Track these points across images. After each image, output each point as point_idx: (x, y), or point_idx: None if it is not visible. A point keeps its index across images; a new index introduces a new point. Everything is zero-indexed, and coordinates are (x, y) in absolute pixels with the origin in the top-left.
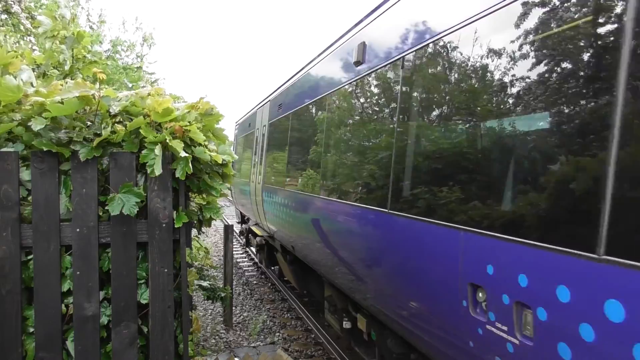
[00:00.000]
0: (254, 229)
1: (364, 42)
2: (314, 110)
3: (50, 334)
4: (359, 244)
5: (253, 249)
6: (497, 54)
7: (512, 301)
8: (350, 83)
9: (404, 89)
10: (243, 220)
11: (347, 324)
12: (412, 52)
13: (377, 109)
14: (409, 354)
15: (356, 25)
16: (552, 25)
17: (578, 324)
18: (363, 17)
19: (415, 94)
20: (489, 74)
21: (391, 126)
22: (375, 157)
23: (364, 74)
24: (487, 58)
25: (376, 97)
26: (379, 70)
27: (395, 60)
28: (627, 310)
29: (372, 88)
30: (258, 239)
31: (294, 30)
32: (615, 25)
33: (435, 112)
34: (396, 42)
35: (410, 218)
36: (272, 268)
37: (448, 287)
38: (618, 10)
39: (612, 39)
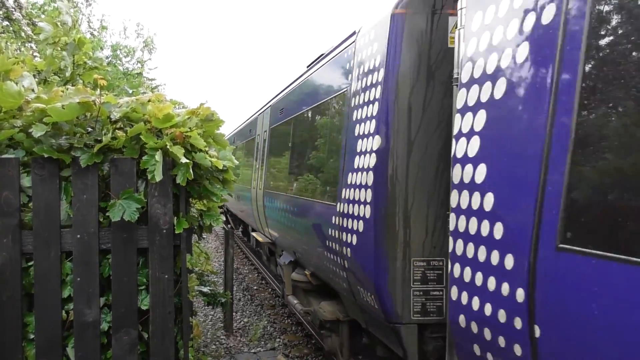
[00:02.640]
0: None
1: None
2: None
3: (51, 340)
4: (239, 202)
5: (254, 256)
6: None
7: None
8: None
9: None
10: None
11: (241, 228)
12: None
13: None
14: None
15: (235, 130)
16: None
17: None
18: (236, 128)
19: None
20: None
21: None
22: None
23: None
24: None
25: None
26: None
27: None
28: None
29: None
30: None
31: (294, 32)
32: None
33: None
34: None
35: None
36: (229, 226)
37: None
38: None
39: None
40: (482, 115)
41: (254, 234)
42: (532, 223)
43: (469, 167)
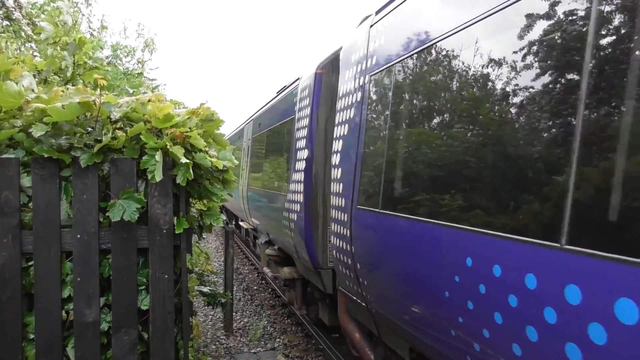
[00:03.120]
0: None
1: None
2: None
3: (51, 340)
4: (232, 198)
5: (255, 257)
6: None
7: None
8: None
9: None
10: None
11: (234, 221)
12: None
13: None
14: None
15: (233, 131)
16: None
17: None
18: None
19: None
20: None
21: None
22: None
23: None
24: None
25: None
26: None
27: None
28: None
29: None
30: None
31: (294, 32)
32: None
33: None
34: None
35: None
36: (224, 220)
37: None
38: None
39: None
40: (340, 142)
41: (241, 223)
42: (351, 197)
43: (335, 170)
